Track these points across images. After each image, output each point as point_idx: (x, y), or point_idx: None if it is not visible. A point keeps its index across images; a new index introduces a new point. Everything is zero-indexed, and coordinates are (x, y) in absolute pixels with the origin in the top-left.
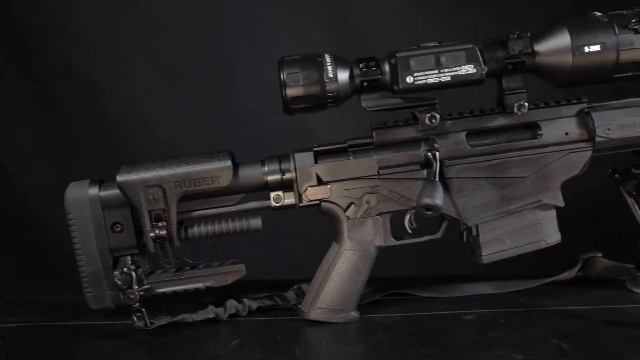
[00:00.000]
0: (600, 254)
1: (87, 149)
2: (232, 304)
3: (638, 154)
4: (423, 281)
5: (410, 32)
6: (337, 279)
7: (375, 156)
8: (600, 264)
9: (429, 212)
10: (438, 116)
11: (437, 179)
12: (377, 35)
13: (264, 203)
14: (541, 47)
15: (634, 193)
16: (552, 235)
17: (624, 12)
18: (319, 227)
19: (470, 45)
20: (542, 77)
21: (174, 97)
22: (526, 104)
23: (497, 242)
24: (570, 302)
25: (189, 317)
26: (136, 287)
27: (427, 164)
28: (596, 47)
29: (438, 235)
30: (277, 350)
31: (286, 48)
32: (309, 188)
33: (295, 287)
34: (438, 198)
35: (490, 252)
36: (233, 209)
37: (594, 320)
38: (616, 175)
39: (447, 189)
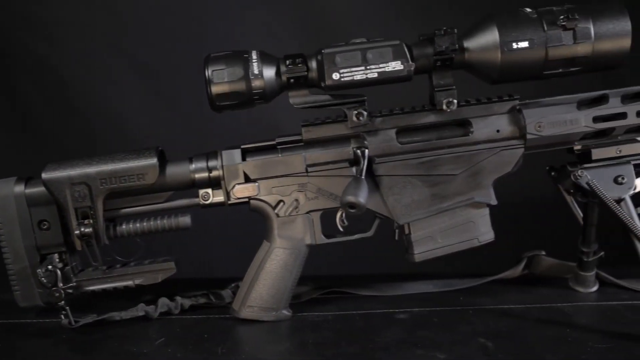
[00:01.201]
0: (543, 252)
1: (54, 145)
2: (163, 302)
3: (572, 151)
4: (365, 279)
5: (384, 28)
6: (267, 278)
7: (304, 153)
8: (544, 262)
9: (353, 210)
10: (365, 113)
11: (363, 177)
12: (349, 31)
13: (193, 201)
14: (470, 43)
15: (571, 191)
16: (485, 233)
17: (554, 8)
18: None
19: (397, 42)
20: (473, 74)
21: (144, 93)
22: (455, 100)
23: (429, 241)
24: (509, 300)
25: (117, 316)
26: (61, 285)
27: (356, 161)
28: (524, 44)
29: (370, 233)
30: (200, 348)
31: (257, 44)
32: (236, 186)
33: (232, 285)
34: (362, 196)
35: (422, 251)
36: (161, 206)
37: (527, 319)
38: (553, 173)
39: (377, 186)
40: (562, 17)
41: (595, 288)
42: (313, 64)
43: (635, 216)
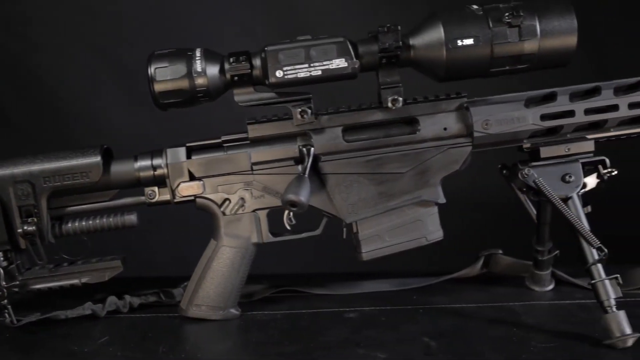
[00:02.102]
0: (500, 251)
1: (30, 144)
2: (112, 301)
3: (522, 149)
4: (322, 278)
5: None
6: (214, 276)
7: (249, 151)
8: (502, 261)
9: (294, 209)
10: (309, 111)
11: (306, 175)
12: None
13: (139, 199)
14: (416, 40)
15: (524, 189)
16: (433, 232)
17: (500, 5)
18: None
19: (341, 39)
20: (421, 71)
21: (120, 90)
22: (400, 98)
23: (377, 239)
24: (461, 299)
25: (62, 314)
26: (4, 283)
27: (301, 159)
28: (469, 41)
29: (318, 232)
30: (141, 347)
31: (231, 42)
32: (181, 184)
33: (184, 284)
34: (303, 194)
35: (369, 249)
36: (108, 204)
37: (476, 318)
38: (504, 172)
39: (323, 185)
40: (507, 14)
41: (550, 287)
42: (257, 62)
43: (582, 215)
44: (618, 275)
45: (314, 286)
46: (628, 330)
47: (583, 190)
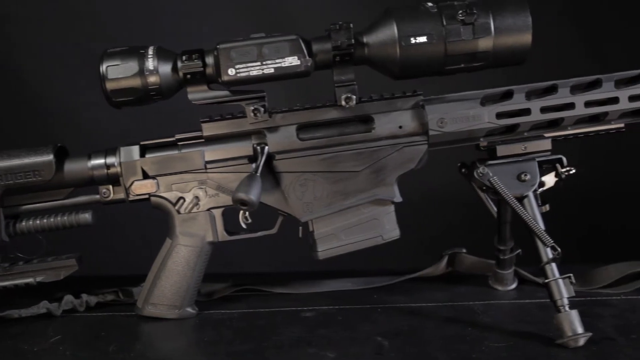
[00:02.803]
0: (464, 250)
1: (9, 143)
2: (68, 300)
3: (479, 147)
4: (286, 277)
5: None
6: (170, 275)
7: (203, 150)
8: (466, 260)
9: (244, 207)
10: (262, 109)
11: (258, 174)
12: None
13: (93, 197)
14: (370, 38)
15: (484, 188)
16: (390, 231)
17: (455, 3)
18: None
19: (294, 37)
20: (376, 69)
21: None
22: (354, 96)
23: (333, 238)
24: (422, 298)
25: (16, 313)
26: None
27: (255, 158)
28: (423, 39)
29: (273, 230)
30: (92, 347)
31: (212, 39)
32: (134, 182)
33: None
34: (253, 193)
35: (325, 248)
36: (63, 203)
37: (433, 317)
38: (463, 170)
39: (278, 183)
40: (461, 11)
41: (513, 286)
42: (210, 60)
43: (537, 214)
44: (571, 275)
45: (276, 285)
46: (580, 329)
47: (542, 189)
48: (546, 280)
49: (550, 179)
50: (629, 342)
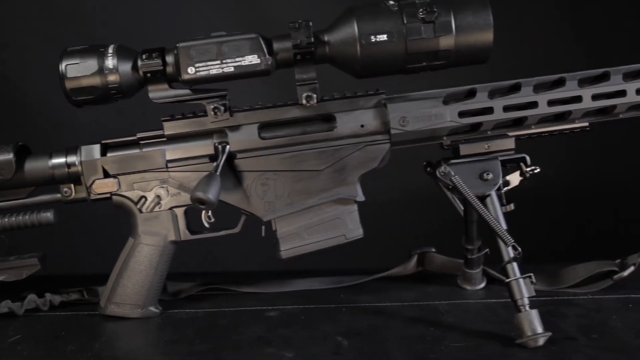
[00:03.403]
0: (433, 249)
1: None
2: (31, 299)
3: (442, 146)
4: (255, 276)
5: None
6: (132, 274)
7: (164, 149)
8: (436, 260)
9: (202, 206)
10: (222, 108)
11: (217, 173)
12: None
13: (55, 196)
14: (331, 36)
15: (450, 187)
16: (353, 230)
17: (416, 1)
18: None
19: (253, 35)
20: (338, 68)
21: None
22: (314, 95)
23: (295, 237)
24: (388, 298)
25: None
26: None
27: (217, 156)
28: (383, 37)
29: (236, 229)
30: (50, 346)
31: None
32: (95, 181)
33: None
34: (211, 192)
35: (288, 247)
36: (24, 202)
37: (397, 317)
38: (428, 169)
39: (240, 182)
40: (421, 10)
41: (482, 285)
42: (170, 58)
43: (499, 213)
44: (531, 275)
45: (244, 284)
46: (540, 329)
47: (507, 189)
48: (507, 280)
49: (515, 178)
50: (590, 342)
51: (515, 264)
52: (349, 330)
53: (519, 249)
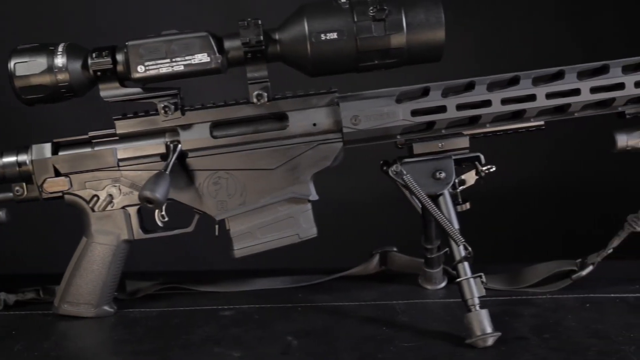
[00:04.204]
0: (395, 249)
1: None
2: None
3: (397, 145)
4: (215, 275)
5: None
6: (85, 274)
7: (115, 147)
8: (398, 259)
9: (150, 205)
10: (172, 107)
11: (167, 172)
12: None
13: (7, 195)
14: (282, 35)
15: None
16: (306, 229)
17: None
18: None
19: (204, 33)
20: (291, 66)
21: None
22: (265, 94)
23: (248, 236)
24: (346, 297)
25: None
26: None
27: (168, 155)
28: (333, 35)
29: (190, 229)
30: None
31: None
32: (47, 180)
33: None
34: (159, 191)
35: (241, 246)
36: None
37: (352, 316)
38: (384, 168)
39: (192, 181)
40: (372, 7)
41: (442, 285)
42: (121, 57)
43: (452, 213)
44: (482, 274)
45: (204, 283)
46: (489, 329)
47: (462, 188)
48: (458, 280)
49: (470, 177)
50: (541, 342)
51: (466, 264)
52: (301, 330)
53: (469, 248)
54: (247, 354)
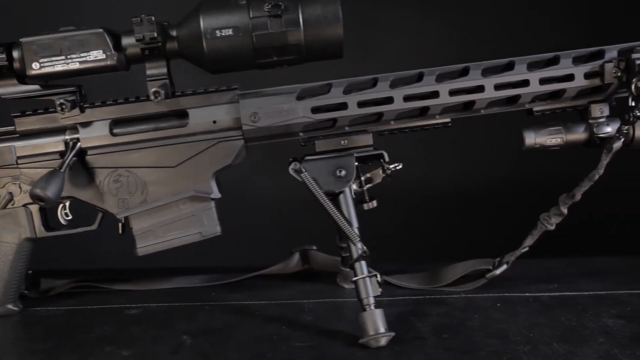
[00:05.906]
0: (314, 247)
1: None
2: None
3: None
4: (133, 273)
5: None
6: None
7: (14, 145)
8: (318, 257)
9: (42, 203)
10: (69, 104)
11: (62, 170)
12: None
13: None
14: (180, 31)
15: None
16: (209, 227)
17: None
18: None
19: (99, 30)
20: (191, 63)
21: None
22: (162, 91)
23: (151, 235)
24: (260, 296)
25: None
26: None
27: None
28: (229, 32)
29: (94, 227)
30: None
31: None
32: None
33: None
34: (50, 189)
35: (144, 245)
36: None
37: (257, 315)
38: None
39: (93, 179)
40: (268, 4)
41: None
42: (17, 54)
43: (352, 211)
44: (377, 274)
45: (120, 281)
46: (382, 329)
47: (369, 185)
48: (354, 279)
49: (377, 175)
50: (438, 342)
51: (363, 263)
52: (200, 329)
53: (365, 247)
54: (136, 353)
